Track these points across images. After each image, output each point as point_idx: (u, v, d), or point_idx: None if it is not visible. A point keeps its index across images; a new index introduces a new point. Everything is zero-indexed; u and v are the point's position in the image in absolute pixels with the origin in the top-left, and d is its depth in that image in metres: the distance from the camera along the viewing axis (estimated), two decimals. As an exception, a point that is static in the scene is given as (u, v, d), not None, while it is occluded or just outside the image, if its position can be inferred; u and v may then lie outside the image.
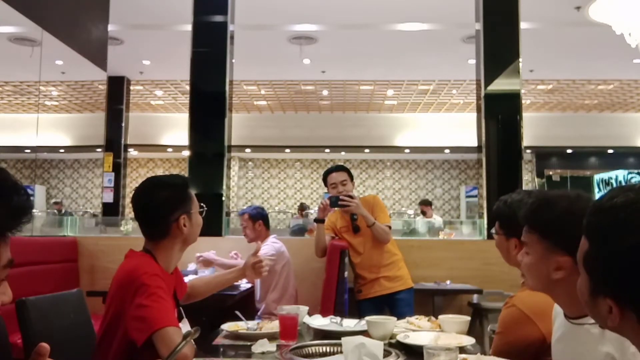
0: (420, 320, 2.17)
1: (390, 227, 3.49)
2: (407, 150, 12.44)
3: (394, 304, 3.39)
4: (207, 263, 3.62)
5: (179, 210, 1.84)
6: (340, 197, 3.38)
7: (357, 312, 3.30)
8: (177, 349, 1.26)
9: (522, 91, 4.61)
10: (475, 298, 4.02)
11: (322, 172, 3.69)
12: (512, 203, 1.75)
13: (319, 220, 3.51)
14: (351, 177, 3.54)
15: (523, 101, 4.73)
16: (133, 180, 12.12)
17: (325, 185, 3.58)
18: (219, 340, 1.98)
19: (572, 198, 1.32)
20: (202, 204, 1.95)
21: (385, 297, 3.41)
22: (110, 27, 5.96)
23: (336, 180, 3.49)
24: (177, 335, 1.59)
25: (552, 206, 1.33)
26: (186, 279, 3.50)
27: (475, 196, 12.27)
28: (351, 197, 3.39)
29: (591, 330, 1.23)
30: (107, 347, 1.72)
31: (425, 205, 9.70)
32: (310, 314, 2.29)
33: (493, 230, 1.85)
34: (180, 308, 1.94)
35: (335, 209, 3.52)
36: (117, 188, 7.96)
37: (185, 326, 1.90)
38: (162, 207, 1.83)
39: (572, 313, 1.31)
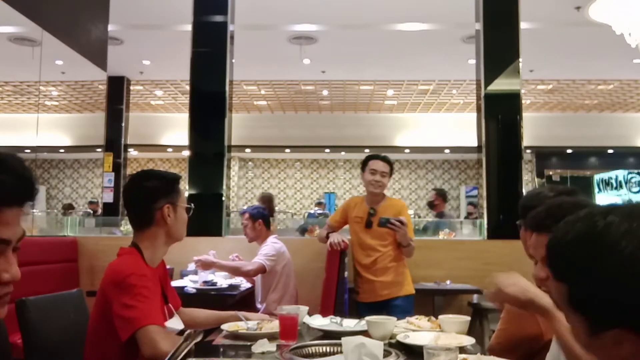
0: (420, 320, 2.17)
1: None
2: (407, 150, 12.43)
3: (391, 311, 3.33)
4: (206, 266, 3.58)
5: (164, 199, 1.88)
6: (391, 220, 3.24)
7: (357, 312, 3.29)
8: (180, 352, 1.26)
9: (522, 91, 4.61)
10: (475, 298, 4.03)
11: (362, 160, 3.51)
12: (532, 196, 1.80)
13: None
14: (391, 173, 3.47)
15: (523, 101, 4.73)
16: (133, 180, 12.10)
17: (363, 169, 3.46)
18: (219, 340, 1.98)
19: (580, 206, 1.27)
20: (191, 204, 1.99)
21: (383, 303, 3.31)
22: (110, 27, 5.95)
23: (379, 168, 3.39)
24: (159, 334, 1.62)
25: (562, 209, 1.32)
26: (186, 279, 3.55)
27: (475, 196, 12.27)
28: (402, 222, 3.24)
29: None
30: (98, 343, 1.77)
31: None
32: (310, 314, 2.29)
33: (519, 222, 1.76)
34: (170, 305, 1.95)
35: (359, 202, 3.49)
36: (117, 188, 7.95)
37: (177, 321, 1.91)
38: (148, 194, 1.88)
39: None
